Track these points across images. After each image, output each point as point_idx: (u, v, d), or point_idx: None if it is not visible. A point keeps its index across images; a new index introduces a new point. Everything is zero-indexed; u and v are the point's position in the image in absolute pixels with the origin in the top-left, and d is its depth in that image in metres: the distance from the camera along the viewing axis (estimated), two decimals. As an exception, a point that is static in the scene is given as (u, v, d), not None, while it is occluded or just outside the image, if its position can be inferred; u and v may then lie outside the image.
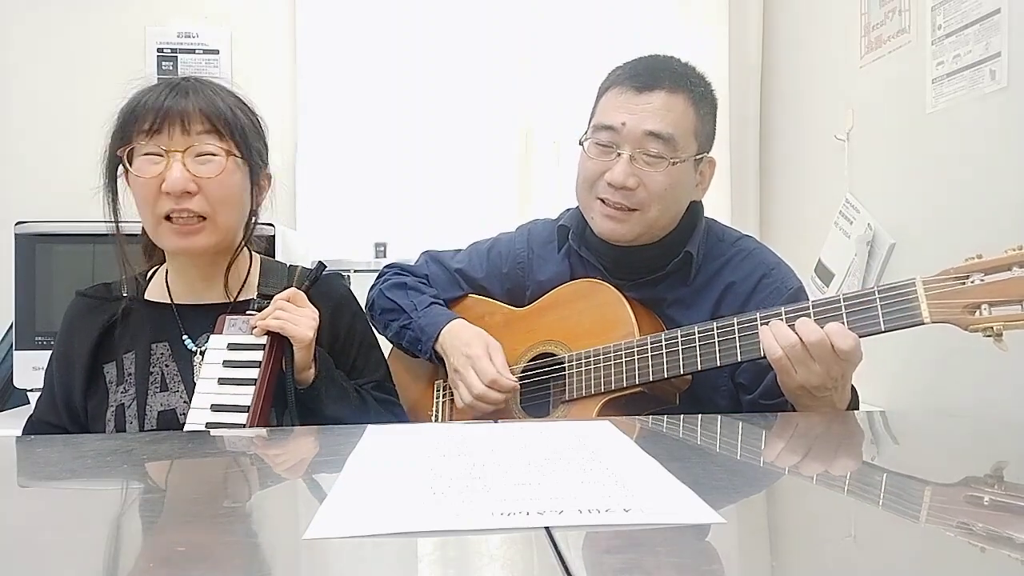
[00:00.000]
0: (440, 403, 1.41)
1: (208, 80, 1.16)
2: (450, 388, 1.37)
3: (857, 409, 1.13)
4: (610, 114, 1.23)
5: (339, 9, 2.43)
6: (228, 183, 1.12)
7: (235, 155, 1.12)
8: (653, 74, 1.22)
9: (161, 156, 1.09)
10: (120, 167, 1.14)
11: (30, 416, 1.23)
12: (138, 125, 1.10)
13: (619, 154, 1.21)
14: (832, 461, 0.87)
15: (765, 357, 1.06)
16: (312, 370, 1.14)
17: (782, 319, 1.05)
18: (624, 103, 1.22)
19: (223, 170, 1.10)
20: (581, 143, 1.27)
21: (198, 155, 1.10)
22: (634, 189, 1.21)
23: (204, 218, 1.11)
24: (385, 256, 2.33)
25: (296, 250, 2.04)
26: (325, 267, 1.27)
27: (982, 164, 1.56)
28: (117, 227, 1.17)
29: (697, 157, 1.25)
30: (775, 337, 1.03)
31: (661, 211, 1.23)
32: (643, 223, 1.23)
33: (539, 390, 1.30)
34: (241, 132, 1.14)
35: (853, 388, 1.12)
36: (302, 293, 1.17)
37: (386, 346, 1.43)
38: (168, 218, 1.10)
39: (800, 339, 1.01)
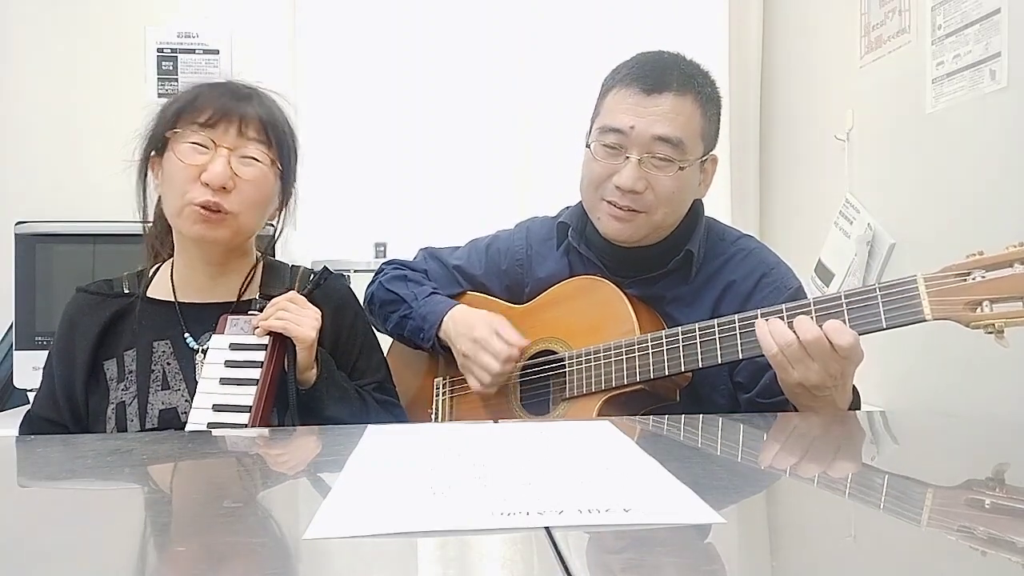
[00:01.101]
0: (440, 400, 1.41)
1: (266, 91, 1.20)
2: (449, 385, 1.37)
3: (858, 410, 1.12)
4: (617, 116, 1.21)
5: (339, 9, 2.43)
6: (263, 189, 1.14)
7: (278, 166, 1.16)
8: (661, 75, 1.21)
9: (208, 148, 1.11)
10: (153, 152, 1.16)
11: (27, 412, 1.22)
12: (195, 115, 1.12)
13: (627, 157, 1.20)
14: (832, 462, 0.87)
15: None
16: (314, 371, 1.14)
17: (783, 316, 1.05)
18: (632, 105, 1.20)
19: (263, 176, 1.13)
20: (588, 145, 1.26)
21: (244, 156, 1.12)
22: (642, 192, 1.20)
23: (230, 213, 1.12)
24: (385, 256, 2.33)
25: (296, 250, 2.05)
26: (330, 272, 1.27)
27: (982, 164, 1.56)
28: (144, 209, 1.20)
29: (703, 158, 1.25)
30: (771, 335, 1.02)
31: (667, 213, 1.23)
32: (649, 225, 1.23)
33: (539, 388, 1.30)
34: (287, 149, 1.18)
35: (855, 389, 1.11)
36: (302, 296, 1.17)
37: (385, 344, 1.43)
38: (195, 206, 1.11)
39: (797, 337, 1.00)
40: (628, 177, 1.19)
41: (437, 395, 1.42)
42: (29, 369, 1.81)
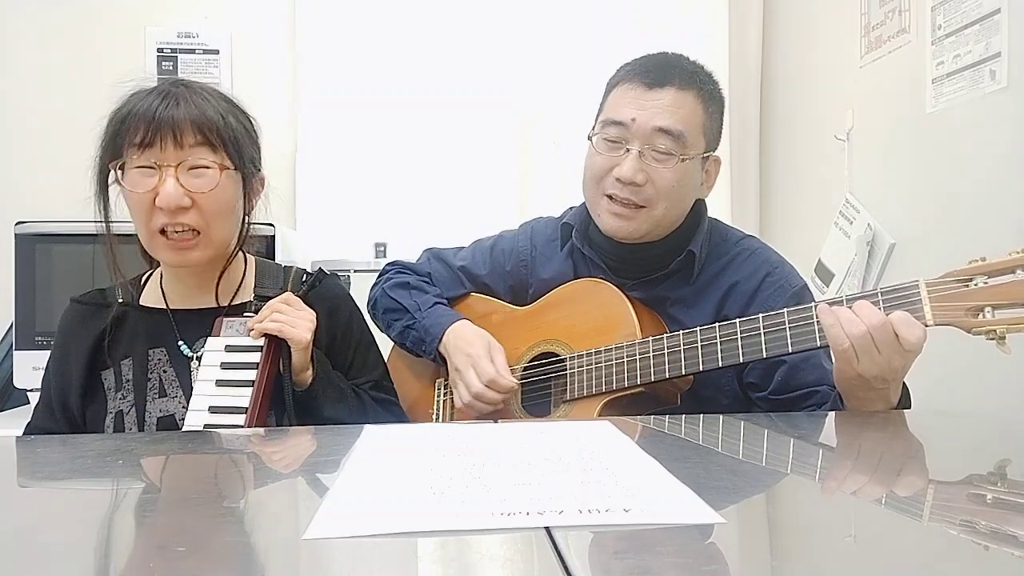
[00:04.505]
0: (441, 401, 1.41)
1: (198, 84, 1.14)
2: (451, 386, 1.38)
3: (908, 407, 1.09)
4: (620, 109, 1.22)
5: (339, 9, 2.43)
6: (222, 197, 1.10)
7: (228, 168, 1.11)
8: (663, 71, 1.22)
9: (154, 169, 1.07)
10: (111, 175, 1.13)
11: (28, 423, 1.22)
12: (129, 137, 1.08)
13: (628, 150, 1.20)
14: (833, 461, 0.87)
15: (766, 357, 1.06)
16: (310, 372, 1.14)
17: (784, 320, 1.04)
18: (634, 99, 1.21)
19: (217, 184, 1.09)
20: (590, 138, 1.27)
21: (191, 168, 1.08)
22: (642, 185, 1.20)
23: (198, 232, 1.10)
24: (385, 256, 2.33)
25: (296, 250, 2.05)
26: (326, 273, 1.27)
27: (982, 164, 1.56)
28: (108, 235, 1.15)
29: (704, 155, 1.25)
30: (841, 324, 0.97)
31: (668, 208, 1.23)
32: (650, 220, 1.23)
33: (540, 389, 1.30)
34: (234, 141, 1.12)
35: (904, 385, 1.07)
36: (296, 298, 1.17)
37: (387, 344, 1.43)
38: (163, 232, 1.09)
39: (867, 328, 0.96)
40: (628, 169, 1.20)
41: (438, 396, 1.42)
42: (29, 369, 1.81)
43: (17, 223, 1.88)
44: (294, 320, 1.13)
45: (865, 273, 1.90)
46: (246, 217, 1.18)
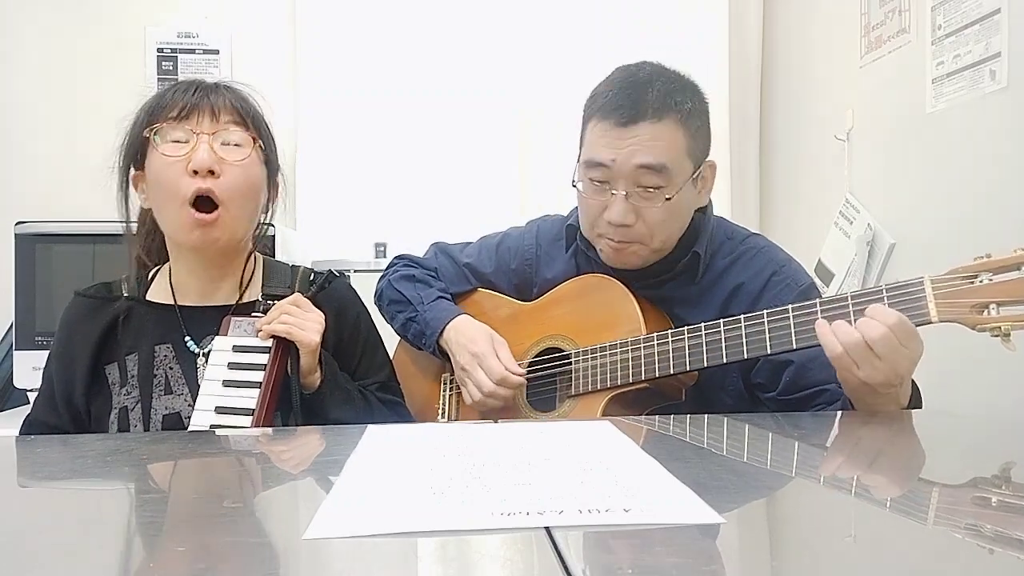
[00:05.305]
0: (446, 397, 1.41)
1: (234, 83, 1.21)
2: (456, 383, 1.38)
3: (920, 407, 1.09)
4: (598, 150, 1.19)
5: (339, 9, 2.43)
6: (250, 172, 1.13)
7: (261, 146, 1.15)
8: (634, 104, 1.17)
9: (188, 141, 1.10)
10: (131, 168, 1.15)
11: (27, 416, 1.21)
12: (166, 112, 1.12)
13: (614, 193, 1.19)
14: (834, 462, 0.87)
15: (770, 354, 1.06)
16: (318, 374, 1.14)
17: (789, 316, 1.04)
18: (611, 140, 1.18)
19: (248, 157, 1.13)
20: (574, 184, 1.25)
21: (224, 143, 1.12)
22: (632, 225, 1.19)
23: (218, 207, 1.10)
24: (385, 256, 2.33)
25: (296, 250, 2.05)
26: (335, 275, 1.27)
27: (982, 164, 1.56)
28: (127, 221, 1.18)
29: (693, 176, 1.22)
30: (835, 334, 0.98)
31: (665, 238, 1.23)
32: (648, 252, 1.23)
33: (545, 385, 1.31)
34: (266, 132, 1.18)
35: (914, 384, 1.07)
36: (305, 300, 1.17)
37: (392, 339, 1.43)
38: (190, 206, 1.09)
39: (863, 337, 0.96)
40: (616, 212, 1.18)
41: (444, 391, 1.42)
42: (29, 369, 1.81)
43: (17, 223, 1.88)
44: (303, 322, 1.12)
45: (865, 273, 1.90)
46: (266, 212, 1.21)
